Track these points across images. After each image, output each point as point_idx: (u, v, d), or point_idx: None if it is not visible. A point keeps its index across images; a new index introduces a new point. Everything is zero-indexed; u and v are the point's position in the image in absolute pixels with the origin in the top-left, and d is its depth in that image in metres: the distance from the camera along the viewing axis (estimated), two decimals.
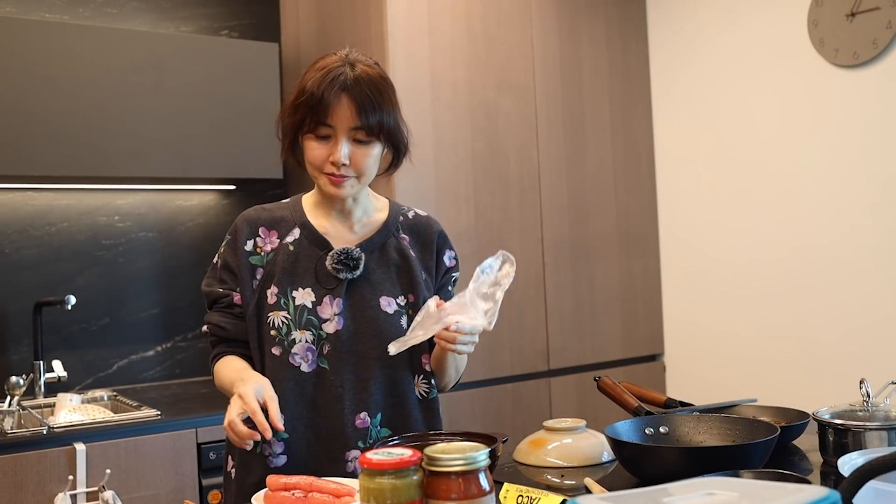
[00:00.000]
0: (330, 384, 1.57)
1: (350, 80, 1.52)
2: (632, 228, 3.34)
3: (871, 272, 2.75)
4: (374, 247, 1.64)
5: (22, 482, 2.18)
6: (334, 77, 1.52)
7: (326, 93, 1.51)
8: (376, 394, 1.58)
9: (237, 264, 1.62)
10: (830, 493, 0.83)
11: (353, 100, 1.52)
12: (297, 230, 1.64)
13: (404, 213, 1.72)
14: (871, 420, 1.48)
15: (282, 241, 1.63)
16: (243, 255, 1.62)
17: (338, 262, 1.58)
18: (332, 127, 1.53)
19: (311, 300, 1.58)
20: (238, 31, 3.25)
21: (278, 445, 1.56)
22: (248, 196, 3.23)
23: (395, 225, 1.68)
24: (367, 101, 1.52)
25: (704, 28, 3.24)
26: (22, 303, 2.81)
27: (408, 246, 1.67)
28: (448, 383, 1.72)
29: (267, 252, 1.62)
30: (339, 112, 1.52)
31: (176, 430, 2.38)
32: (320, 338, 1.57)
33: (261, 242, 1.63)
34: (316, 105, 1.52)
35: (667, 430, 1.56)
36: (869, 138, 2.76)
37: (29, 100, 2.54)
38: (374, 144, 1.56)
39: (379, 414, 1.59)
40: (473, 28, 2.94)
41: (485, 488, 1.04)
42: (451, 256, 1.73)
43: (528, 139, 3.05)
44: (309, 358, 1.57)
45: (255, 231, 1.64)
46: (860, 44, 2.74)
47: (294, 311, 1.58)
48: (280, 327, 1.57)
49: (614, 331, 3.27)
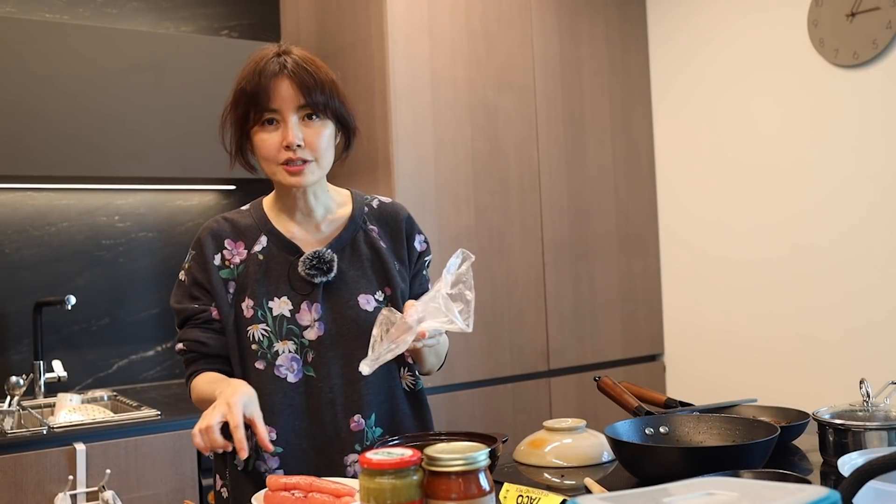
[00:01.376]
0: (319, 391, 1.54)
1: (288, 63, 1.50)
2: (632, 228, 3.34)
3: (871, 273, 2.75)
4: (344, 244, 1.60)
5: (22, 482, 2.18)
6: (267, 62, 1.50)
7: (264, 79, 1.49)
8: (368, 394, 1.56)
9: (208, 280, 1.56)
10: (830, 493, 0.83)
11: (294, 79, 1.49)
12: (263, 238, 1.59)
13: (368, 202, 1.67)
14: (871, 420, 1.48)
15: (250, 252, 1.58)
16: (213, 269, 1.57)
17: (311, 266, 1.54)
18: (278, 111, 1.50)
19: (289, 308, 1.54)
20: (238, 31, 3.25)
21: (273, 460, 1.53)
22: (248, 196, 3.22)
23: (361, 217, 1.64)
24: (307, 78, 1.49)
25: (704, 28, 3.24)
26: (22, 303, 2.81)
27: (377, 237, 1.63)
28: (430, 369, 1.67)
29: (236, 264, 1.57)
30: (281, 93, 1.49)
31: (176, 430, 2.38)
32: (303, 346, 1.54)
33: (228, 255, 1.58)
34: (255, 93, 1.49)
35: (667, 430, 1.56)
36: (869, 138, 2.76)
37: (29, 100, 2.54)
38: (325, 123, 1.52)
39: (373, 414, 1.57)
40: (473, 28, 2.94)
41: (485, 488, 1.04)
42: (420, 241, 1.68)
43: (528, 139, 3.06)
44: (294, 368, 1.54)
45: (221, 244, 1.59)
46: (860, 44, 2.74)
47: (273, 321, 1.54)
48: (261, 340, 1.53)
49: (614, 331, 3.27)
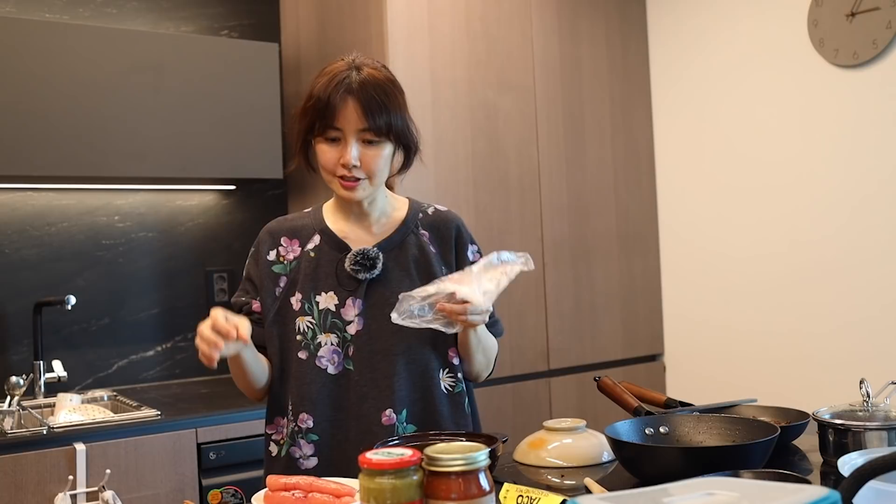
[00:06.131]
0: (355, 384, 1.61)
1: (355, 84, 1.56)
2: (632, 228, 3.34)
3: (871, 273, 2.75)
4: (393, 245, 1.67)
5: (22, 482, 2.18)
6: (339, 81, 1.57)
7: (333, 96, 1.56)
8: (400, 390, 1.61)
9: (258, 275, 1.67)
10: (830, 493, 0.83)
11: (359, 102, 1.55)
12: (317, 237, 1.68)
13: (424, 209, 1.75)
14: (871, 420, 1.48)
15: (303, 249, 1.68)
16: (265, 265, 1.67)
17: (355, 262, 1.62)
18: (341, 130, 1.57)
19: (335, 303, 1.62)
20: (238, 31, 3.25)
21: (308, 447, 1.61)
22: (249, 196, 3.23)
23: (414, 222, 1.71)
24: (373, 103, 1.56)
25: (704, 28, 3.23)
26: (22, 303, 2.81)
27: (427, 242, 1.70)
28: (479, 371, 1.72)
29: (290, 261, 1.67)
30: (345, 115, 1.56)
31: (176, 430, 2.38)
32: (345, 340, 1.62)
33: (283, 252, 1.68)
34: (323, 109, 1.56)
35: (667, 430, 1.56)
36: (868, 138, 2.76)
37: (29, 100, 2.54)
38: (383, 145, 1.59)
39: (405, 410, 1.62)
40: (473, 28, 2.94)
41: (485, 488, 1.04)
42: (474, 251, 1.74)
43: (528, 139, 3.05)
44: (335, 360, 1.62)
45: (277, 241, 1.69)
46: (860, 44, 2.74)
47: (318, 315, 1.62)
48: (306, 332, 1.62)
49: (614, 331, 3.27)
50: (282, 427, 1.65)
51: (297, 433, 1.61)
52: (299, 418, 1.61)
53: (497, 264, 1.52)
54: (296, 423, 1.61)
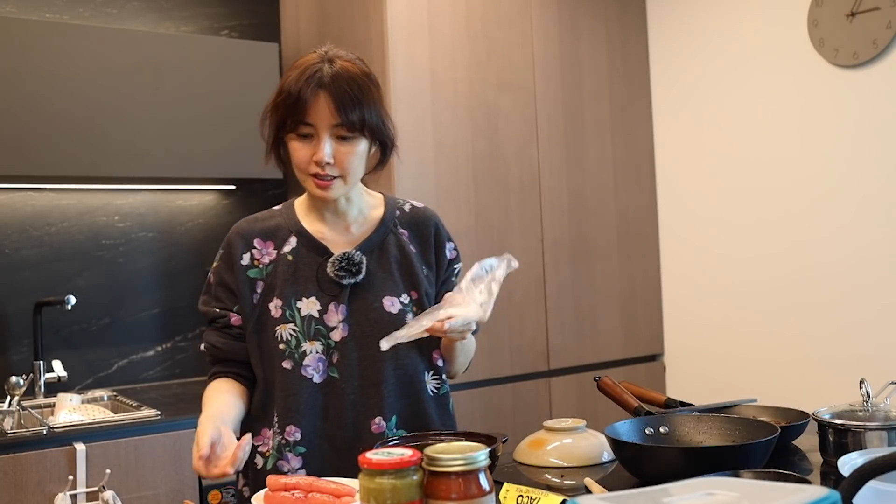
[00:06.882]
0: (341, 392, 1.55)
1: (327, 77, 1.49)
2: (632, 228, 3.34)
3: (872, 273, 2.75)
4: (374, 246, 1.61)
5: (22, 482, 2.18)
6: (311, 74, 1.49)
7: (304, 90, 1.48)
8: (389, 396, 1.56)
9: (234, 280, 1.58)
10: (830, 493, 0.83)
11: (332, 96, 1.48)
12: (293, 238, 1.60)
13: (400, 206, 1.68)
14: (871, 420, 1.48)
15: (279, 252, 1.59)
16: (240, 269, 1.58)
17: (339, 268, 1.55)
18: (313, 125, 1.50)
19: (318, 309, 1.55)
20: (238, 31, 3.25)
21: (296, 460, 1.54)
22: (248, 196, 3.23)
23: (392, 221, 1.65)
24: (345, 97, 1.48)
25: (704, 28, 3.24)
26: (22, 303, 2.81)
27: (407, 241, 1.64)
28: (458, 370, 1.70)
29: (265, 264, 1.58)
30: (317, 110, 1.49)
31: (176, 430, 2.38)
32: (329, 347, 1.55)
33: (257, 255, 1.59)
34: (294, 104, 1.49)
35: (667, 430, 1.56)
36: (868, 138, 2.76)
37: (29, 100, 2.54)
38: (357, 141, 1.52)
39: (394, 416, 1.57)
40: (473, 28, 2.94)
41: (485, 488, 1.04)
42: (450, 248, 1.70)
43: (528, 139, 3.05)
44: (320, 368, 1.55)
45: (250, 244, 1.60)
46: (860, 44, 2.74)
47: (301, 322, 1.54)
48: (289, 340, 1.54)
49: (614, 331, 3.27)
50: (267, 439, 1.57)
51: (285, 446, 1.54)
52: (286, 431, 1.54)
53: (484, 275, 1.48)
54: (282, 435, 1.54)
